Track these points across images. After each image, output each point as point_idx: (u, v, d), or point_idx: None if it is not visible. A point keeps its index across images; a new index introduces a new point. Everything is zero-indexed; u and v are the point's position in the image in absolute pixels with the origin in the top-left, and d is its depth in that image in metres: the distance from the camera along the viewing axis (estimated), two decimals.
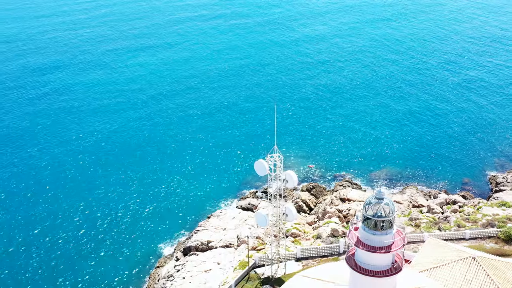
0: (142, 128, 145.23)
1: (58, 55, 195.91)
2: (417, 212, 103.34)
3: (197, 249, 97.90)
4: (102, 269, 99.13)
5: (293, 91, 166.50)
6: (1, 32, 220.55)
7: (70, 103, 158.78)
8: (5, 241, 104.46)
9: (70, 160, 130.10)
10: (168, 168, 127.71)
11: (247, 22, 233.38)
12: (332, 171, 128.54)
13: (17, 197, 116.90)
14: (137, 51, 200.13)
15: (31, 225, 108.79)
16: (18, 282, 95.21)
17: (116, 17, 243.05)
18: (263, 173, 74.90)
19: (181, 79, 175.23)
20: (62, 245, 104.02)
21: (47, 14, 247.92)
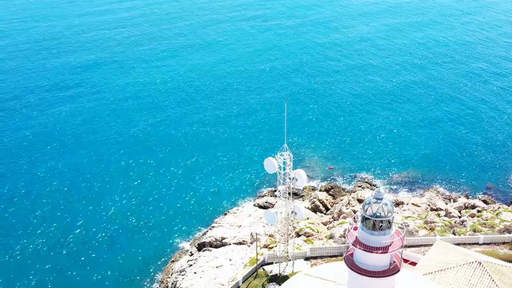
0: (166, 125, 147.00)
1: (98, 53, 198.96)
2: (434, 216, 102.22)
3: (211, 245, 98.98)
4: (119, 261, 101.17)
5: (322, 92, 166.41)
6: (44, 30, 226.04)
7: (106, 101, 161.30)
8: (31, 233, 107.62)
9: (99, 155, 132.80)
10: (189, 165, 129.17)
11: (287, 22, 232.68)
12: (352, 172, 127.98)
13: (50, 187, 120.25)
14: (177, 50, 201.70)
15: (55, 215, 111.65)
16: (39, 269, 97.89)
17: (156, 16, 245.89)
18: (272, 171, 75.33)
19: (217, 79, 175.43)
20: (82, 236, 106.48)
21: (89, 12, 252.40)
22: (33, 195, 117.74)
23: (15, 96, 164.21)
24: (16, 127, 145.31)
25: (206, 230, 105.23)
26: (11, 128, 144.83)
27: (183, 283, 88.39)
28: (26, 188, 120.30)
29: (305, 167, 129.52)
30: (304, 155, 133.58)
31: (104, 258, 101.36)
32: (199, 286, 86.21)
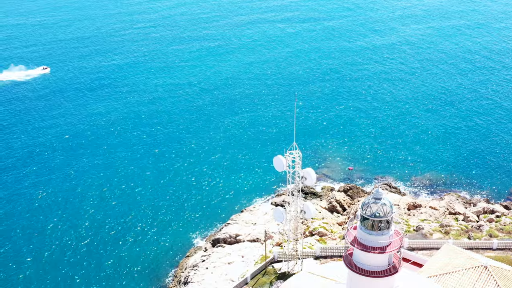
0: (192, 124, 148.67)
1: (133, 52, 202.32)
2: (451, 219, 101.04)
3: (225, 242, 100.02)
4: (136, 255, 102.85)
5: (347, 94, 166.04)
6: (78, 29, 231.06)
7: (138, 100, 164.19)
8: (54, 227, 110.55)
9: (126, 150, 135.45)
10: (208, 161, 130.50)
11: (322, 24, 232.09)
12: (372, 174, 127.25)
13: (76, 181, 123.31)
14: (210, 51, 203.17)
15: (81, 210, 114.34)
16: (61, 261, 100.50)
17: (192, 16, 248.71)
18: (281, 169, 75.81)
19: (248, 80, 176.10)
20: (100, 230, 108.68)
21: (120, 12, 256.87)
22: (63, 190, 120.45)
23: (47, 94, 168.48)
24: (51, 124, 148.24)
25: (222, 227, 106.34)
26: (46, 125, 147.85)
27: (194, 277, 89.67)
28: (61, 182, 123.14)
29: (325, 167, 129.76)
30: (324, 155, 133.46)
31: (121, 252, 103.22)
32: (210, 281, 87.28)
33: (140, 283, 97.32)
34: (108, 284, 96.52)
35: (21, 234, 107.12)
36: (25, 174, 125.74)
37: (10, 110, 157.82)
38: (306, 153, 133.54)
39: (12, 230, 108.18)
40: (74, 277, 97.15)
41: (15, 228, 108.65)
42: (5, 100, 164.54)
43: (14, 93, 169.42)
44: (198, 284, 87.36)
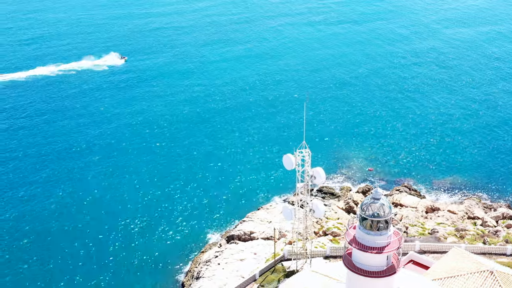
0: (216, 123, 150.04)
1: (163, 54, 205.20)
2: (468, 224, 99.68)
3: (239, 238, 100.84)
4: (152, 249, 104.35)
5: (372, 95, 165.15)
6: (109, 29, 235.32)
7: (166, 100, 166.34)
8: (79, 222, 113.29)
9: (151, 147, 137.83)
10: (229, 160, 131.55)
11: (355, 28, 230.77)
12: (392, 175, 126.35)
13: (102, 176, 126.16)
14: (239, 53, 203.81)
15: (96, 204, 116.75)
16: (79, 253, 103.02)
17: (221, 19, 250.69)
18: (290, 168, 76.12)
19: (278, 83, 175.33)
20: (119, 224, 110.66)
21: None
22: (86, 187, 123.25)
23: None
24: (81, 124, 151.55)
25: (237, 224, 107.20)
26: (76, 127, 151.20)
27: (206, 273, 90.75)
28: (90, 177, 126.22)
29: (345, 168, 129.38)
30: (345, 155, 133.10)
31: (139, 246, 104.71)
32: (220, 277, 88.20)
33: (155, 276, 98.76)
34: (124, 277, 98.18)
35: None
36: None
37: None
38: (327, 153, 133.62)
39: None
40: (91, 268, 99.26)
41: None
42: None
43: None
44: (209, 280, 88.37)
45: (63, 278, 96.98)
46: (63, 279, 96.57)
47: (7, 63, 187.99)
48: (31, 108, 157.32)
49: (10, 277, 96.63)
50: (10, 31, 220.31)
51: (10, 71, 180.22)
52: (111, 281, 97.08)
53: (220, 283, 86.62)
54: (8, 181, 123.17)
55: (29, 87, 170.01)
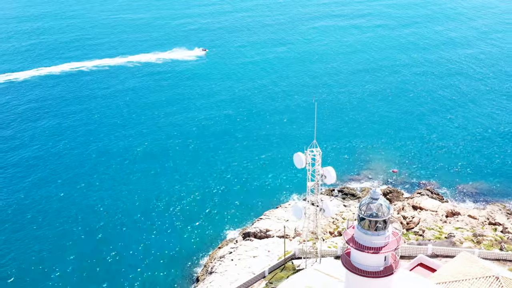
0: (232, 117, 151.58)
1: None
2: (488, 230, 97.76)
3: (255, 236, 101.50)
4: (171, 243, 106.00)
5: (401, 96, 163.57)
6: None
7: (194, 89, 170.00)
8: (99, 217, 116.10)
9: (178, 143, 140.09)
10: (251, 159, 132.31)
11: (389, 23, 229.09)
12: (416, 178, 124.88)
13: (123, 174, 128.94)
14: (269, 46, 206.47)
15: (117, 199, 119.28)
16: (98, 245, 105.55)
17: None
18: (300, 166, 76.31)
19: (312, 77, 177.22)
20: (141, 220, 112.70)
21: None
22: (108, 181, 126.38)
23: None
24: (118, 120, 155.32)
25: (254, 221, 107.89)
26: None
27: (219, 268, 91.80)
28: (114, 172, 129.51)
29: (369, 169, 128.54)
30: (370, 157, 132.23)
31: (158, 240, 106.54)
32: (232, 272, 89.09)
33: (172, 270, 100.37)
34: (143, 269, 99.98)
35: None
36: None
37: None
38: (352, 155, 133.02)
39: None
40: (109, 261, 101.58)
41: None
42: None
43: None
44: (221, 275, 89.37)
45: (83, 268, 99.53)
46: (84, 269, 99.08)
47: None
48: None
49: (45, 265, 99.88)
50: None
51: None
52: (131, 273, 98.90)
53: (232, 278, 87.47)
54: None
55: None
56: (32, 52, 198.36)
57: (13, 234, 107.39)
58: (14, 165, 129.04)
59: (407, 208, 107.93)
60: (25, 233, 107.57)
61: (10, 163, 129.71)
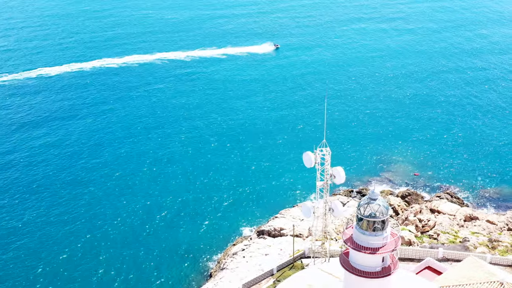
0: (254, 116, 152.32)
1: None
2: (506, 235, 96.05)
3: (269, 234, 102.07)
4: (187, 239, 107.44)
5: (429, 99, 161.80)
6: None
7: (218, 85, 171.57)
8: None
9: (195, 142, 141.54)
10: (271, 158, 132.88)
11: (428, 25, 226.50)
12: (437, 182, 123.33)
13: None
14: (303, 47, 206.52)
15: (146, 195, 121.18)
16: (117, 243, 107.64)
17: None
18: (309, 165, 76.36)
19: (344, 80, 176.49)
20: (160, 213, 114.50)
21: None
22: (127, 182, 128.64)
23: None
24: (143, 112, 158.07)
25: (270, 219, 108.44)
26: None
27: (230, 265, 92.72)
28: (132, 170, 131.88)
29: (390, 171, 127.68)
30: (392, 159, 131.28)
31: (174, 236, 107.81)
32: (243, 269, 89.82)
33: (187, 265, 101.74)
34: (159, 263, 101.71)
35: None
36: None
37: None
38: (373, 156, 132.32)
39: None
40: (126, 255, 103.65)
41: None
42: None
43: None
44: (231, 271, 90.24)
45: (101, 261, 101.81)
46: (100, 262, 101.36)
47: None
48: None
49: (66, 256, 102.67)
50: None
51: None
52: (147, 267, 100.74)
53: (242, 275, 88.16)
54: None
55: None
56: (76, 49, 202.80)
57: (47, 227, 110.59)
58: (43, 160, 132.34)
59: (424, 211, 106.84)
60: (56, 228, 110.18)
61: (39, 159, 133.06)
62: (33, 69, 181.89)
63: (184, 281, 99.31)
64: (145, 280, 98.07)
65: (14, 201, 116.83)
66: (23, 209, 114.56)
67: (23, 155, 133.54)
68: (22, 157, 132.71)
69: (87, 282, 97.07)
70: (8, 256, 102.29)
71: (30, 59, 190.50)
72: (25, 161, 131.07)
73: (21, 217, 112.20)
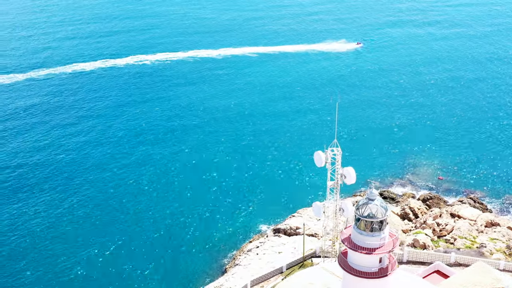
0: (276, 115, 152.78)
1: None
2: None
3: (285, 232, 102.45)
4: (205, 235, 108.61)
5: (459, 102, 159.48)
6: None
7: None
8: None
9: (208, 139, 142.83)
10: (290, 154, 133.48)
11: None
12: (462, 186, 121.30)
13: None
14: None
15: (162, 192, 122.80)
16: (139, 240, 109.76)
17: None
18: (320, 165, 76.37)
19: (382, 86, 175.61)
20: (179, 214, 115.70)
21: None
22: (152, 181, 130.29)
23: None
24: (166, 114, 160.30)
25: (287, 218, 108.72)
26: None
27: (244, 261, 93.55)
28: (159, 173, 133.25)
29: (413, 174, 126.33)
30: (417, 162, 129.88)
31: (194, 232, 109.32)
32: (255, 266, 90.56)
33: (203, 260, 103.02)
34: (177, 258, 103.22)
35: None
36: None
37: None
38: (398, 159, 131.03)
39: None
40: (144, 249, 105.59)
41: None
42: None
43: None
44: (244, 268, 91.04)
45: (121, 253, 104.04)
46: (121, 254, 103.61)
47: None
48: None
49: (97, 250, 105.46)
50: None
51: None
52: (166, 262, 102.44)
53: (253, 272, 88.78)
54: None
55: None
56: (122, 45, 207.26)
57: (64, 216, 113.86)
58: (74, 150, 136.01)
59: (444, 216, 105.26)
60: (78, 216, 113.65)
61: (70, 148, 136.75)
62: (68, 64, 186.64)
63: (200, 276, 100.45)
64: (163, 273, 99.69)
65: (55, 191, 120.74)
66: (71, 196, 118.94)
67: (59, 148, 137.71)
68: (60, 149, 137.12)
69: (108, 273, 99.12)
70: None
71: (67, 55, 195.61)
72: (61, 153, 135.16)
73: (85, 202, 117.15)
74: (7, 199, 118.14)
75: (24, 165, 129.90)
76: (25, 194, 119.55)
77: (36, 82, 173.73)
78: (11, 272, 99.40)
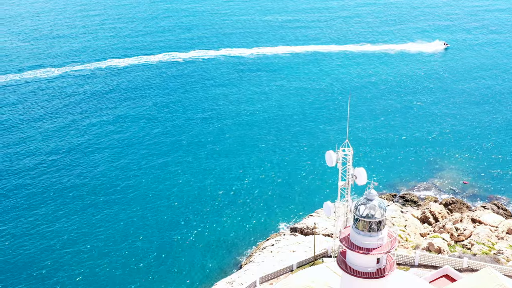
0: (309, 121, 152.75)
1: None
2: None
3: (301, 232, 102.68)
4: (225, 232, 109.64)
5: (482, 106, 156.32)
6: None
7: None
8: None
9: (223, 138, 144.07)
10: (312, 157, 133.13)
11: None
12: (487, 192, 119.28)
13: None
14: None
15: (183, 192, 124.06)
16: (156, 233, 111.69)
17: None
18: (331, 164, 76.34)
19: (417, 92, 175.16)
20: (205, 211, 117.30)
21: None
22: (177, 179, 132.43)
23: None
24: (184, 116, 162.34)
25: (304, 218, 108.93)
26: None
27: (257, 258, 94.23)
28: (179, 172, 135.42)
29: (438, 177, 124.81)
30: (442, 165, 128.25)
31: (214, 229, 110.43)
32: (267, 263, 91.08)
33: (221, 256, 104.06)
34: (194, 254, 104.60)
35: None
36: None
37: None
38: (424, 161, 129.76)
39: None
40: (163, 244, 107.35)
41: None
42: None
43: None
44: (257, 265, 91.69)
45: (137, 249, 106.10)
46: (137, 251, 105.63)
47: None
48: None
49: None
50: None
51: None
52: (186, 258, 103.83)
53: (266, 269, 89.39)
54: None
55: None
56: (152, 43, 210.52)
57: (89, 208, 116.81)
58: (108, 147, 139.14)
59: (465, 221, 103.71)
60: (99, 207, 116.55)
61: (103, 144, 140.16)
62: (104, 60, 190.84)
63: (216, 271, 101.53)
64: (181, 268, 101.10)
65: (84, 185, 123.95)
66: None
67: (91, 140, 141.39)
68: (91, 141, 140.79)
69: (126, 266, 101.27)
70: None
71: (102, 51, 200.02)
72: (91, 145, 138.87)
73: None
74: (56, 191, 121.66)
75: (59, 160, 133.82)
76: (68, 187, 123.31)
77: (71, 77, 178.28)
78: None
